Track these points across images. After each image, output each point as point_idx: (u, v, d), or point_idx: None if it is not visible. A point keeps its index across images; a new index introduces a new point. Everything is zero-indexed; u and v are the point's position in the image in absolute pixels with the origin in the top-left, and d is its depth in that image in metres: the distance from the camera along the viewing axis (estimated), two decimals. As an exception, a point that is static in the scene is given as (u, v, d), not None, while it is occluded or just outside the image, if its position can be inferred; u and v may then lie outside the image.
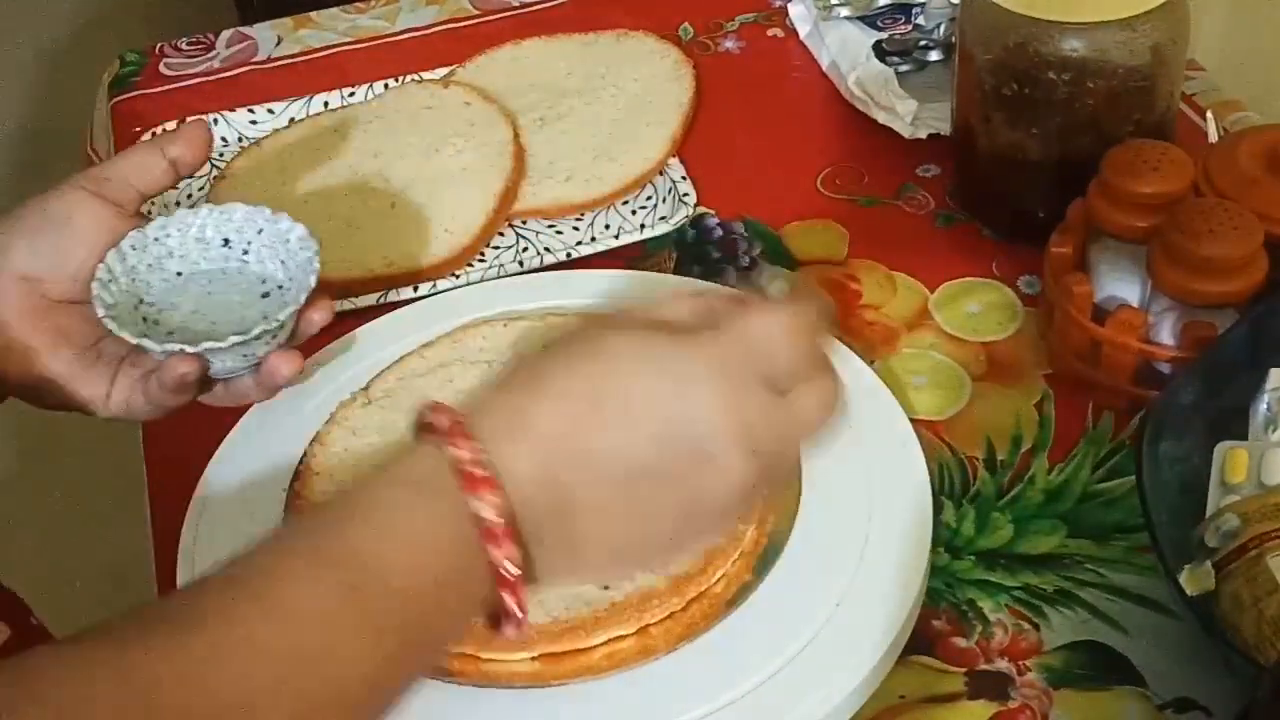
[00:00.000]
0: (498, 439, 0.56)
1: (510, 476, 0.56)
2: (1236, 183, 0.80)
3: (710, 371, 0.58)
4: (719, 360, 0.58)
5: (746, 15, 1.14)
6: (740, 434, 0.58)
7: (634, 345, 0.59)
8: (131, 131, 1.05)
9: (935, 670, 0.70)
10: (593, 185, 0.97)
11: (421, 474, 0.56)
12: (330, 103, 1.05)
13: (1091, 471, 0.79)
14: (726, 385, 0.58)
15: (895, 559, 0.70)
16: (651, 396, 0.58)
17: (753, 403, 0.58)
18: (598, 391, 0.58)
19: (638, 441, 0.57)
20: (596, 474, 0.57)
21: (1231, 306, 0.77)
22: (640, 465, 0.57)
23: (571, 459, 0.57)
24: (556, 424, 0.57)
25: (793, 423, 0.60)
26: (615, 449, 0.57)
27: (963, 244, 0.93)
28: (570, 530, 0.57)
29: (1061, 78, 0.85)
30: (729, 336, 0.59)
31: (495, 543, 0.55)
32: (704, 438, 0.58)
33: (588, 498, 0.57)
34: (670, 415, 0.58)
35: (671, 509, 0.58)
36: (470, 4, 1.18)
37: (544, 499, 0.56)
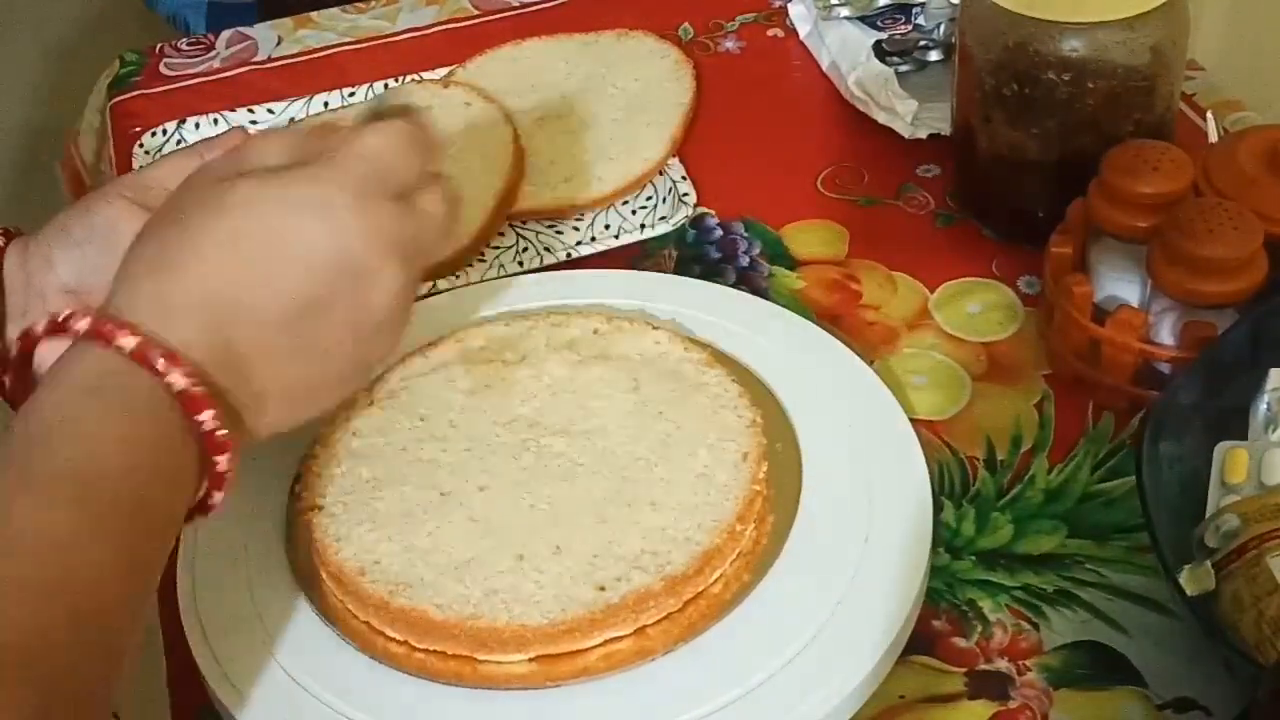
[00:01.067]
0: (155, 318, 0.57)
1: (180, 349, 0.57)
2: (1236, 183, 0.80)
3: (342, 193, 0.61)
4: (346, 182, 0.61)
5: (746, 15, 1.14)
6: (385, 245, 0.61)
7: (258, 187, 0.61)
8: (131, 131, 1.05)
9: (935, 670, 0.70)
10: (593, 185, 0.97)
11: (93, 373, 0.57)
12: (330, 103, 1.05)
13: (1091, 471, 0.79)
14: (360, 203, 0.61)
15: (895, 559, 0.70)
16: (291, 231, 0.60)
17: (388, 215, 0.62)
18: (238, 242, 0.59)
19: (292, 279, 0.60)
20: (257, 322, 0.59)
21: (1231, 306, 0.77)
22: (301, 301, 0.60)
23: (229, 315, 0.59)
24: (206, 286, 0.59)
25: (422, 224, 0.64)
26: (269, 293, 0.60)
27: (963, 244, 0.93)
28: (249, 384, 0.59)
29: (1061, 78, 0.85)
30: (347, 158, 0.62)
31: (198, 408, 0.57)
32: (353, 257, 0.60)
33: (256, 348, 0.59)
34: (314, 244, 0.60)
35: (338, 335, 0.61)
36: (470, 4, 1.18)
37: (215, 361, 0.58)
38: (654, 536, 0.68)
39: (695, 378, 0.76)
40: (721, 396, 0.75)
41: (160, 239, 0.61)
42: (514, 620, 0.65)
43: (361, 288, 0.61)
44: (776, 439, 0.75)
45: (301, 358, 0.61)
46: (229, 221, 0.60)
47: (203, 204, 0.61)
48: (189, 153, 0.76)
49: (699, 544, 0.68)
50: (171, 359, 0.57)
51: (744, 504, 0.70)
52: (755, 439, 0.72)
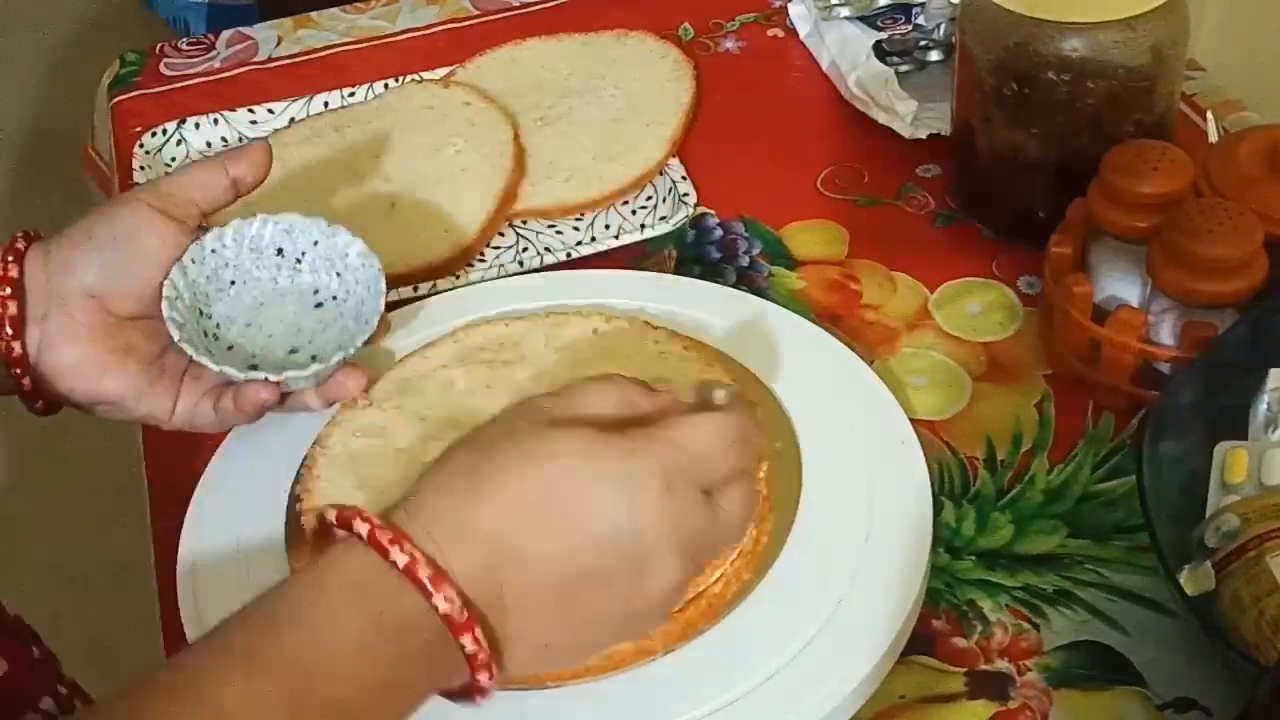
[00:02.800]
0: (437, 541, 0.57)
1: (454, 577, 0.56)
2: (1236, 183, 0.80)
3: (653, 479, 0.59)
4: (660, 469, 0.60)
5: (746, 15, 1.14)
6: (679, 540, 0.60)
7: (574, 446, 0.60)
8: (131, 131, 1.05)
9: (935, 670, 0.70)
10: (593, 185, 0.97)
11: (355, 576, 0.56)
12: (330, 103, 1.05)
13: (1091, 471, 0.79)
14: (666, 491, 0.60)
15: (895, 559, 0.70)
16: (595, 503, 0.59)
17: (690, 510, 0.61)
18: (540, 495, 0.59)
19: (579, 547, 0.59)
20: (533, 577, 0.58)
21: (1231, 306, 0.77)
22: (579, 570, 0.59)
23: (511, 562, 0.58)
24: (498, 526, 0.58)
25: (720, 525, 0.62)
26: (554, 552, 0.58)
27: (963, 244, 0.93)
28: (504, 628, 0.58)
29: (1061, 78, 0.85)
30: (668, 443, 0.61)
31: (460, 632, 0.56)
32: (643, 542, 0.59)
33: (524, 600, 0.58)
34: (609, 518, 0.59)
35: (606, 611, 0.60)
36: (470, 4, 1.18)
37: (479, 597, 0.57)
38: (654, 536, 0.68)
39: (695, 378, 0.76)
40: (722, 396, 0.75)
41: (472, 464, 0.60)
42: (514, 620, 0.65)
43: (641, 573, 0.60)
44: (776, 439, 0.75)
45: (562, 620, 0.60)
46: (538, 471, 0.59)
47: (521, 444, 0.60)
48: (212, 162, 0.76)
49: (699, 544, 0.68)
50: (439, 579, 0.56)
51: (744, 504, 0.69)
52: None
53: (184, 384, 0.75)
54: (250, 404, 0.73)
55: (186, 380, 0.75)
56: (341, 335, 0.76)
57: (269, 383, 0.73)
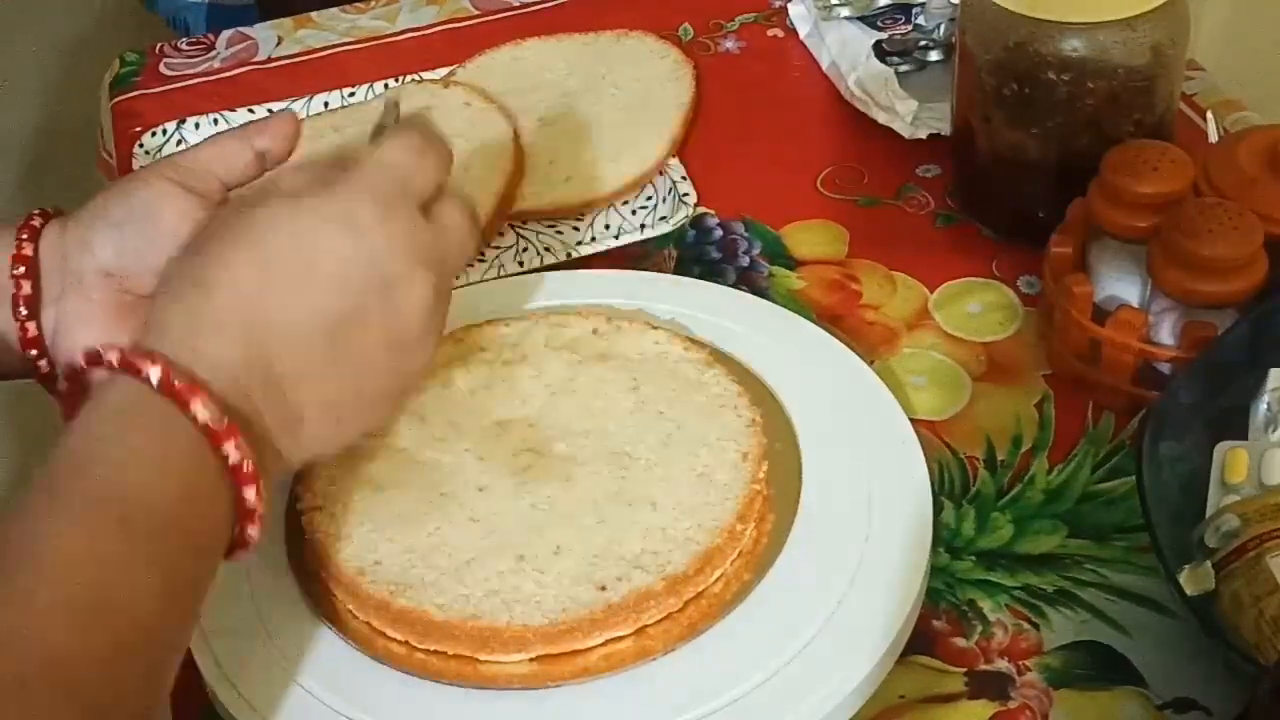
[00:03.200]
0: (186, 347, 0.57)
1: (211, 374, 0.57)
2: (1236, 183, 0.80)
3: (367, 204, 0.61)
4: (368, 194, 0.61)
5: (746, 15, 1.14)
6: (412, 253, 0.61)
7: (279, 209, 0.61)
8: (131, 131, 1.05)
9: (935, 670, 0.70)
10: (593, 185, 0.97)
11: (125, 403, 0.56)
12: (330, 103, 1.05)
13: (1091, 471, 0.79)
14: (387, 212, 0.61)
15: (895, 559, 0.70)
16: (322, 246, 0.60)
17: (413, 224, 0.62)
18: (266, 262, 0.59)
19: (323, 294, 0.60)
20: (291, 338, 0.59)
21: (1231, 306, 0.77)
22: (334, 316, 0.60)
23: (262, 333, 0.58)
24: (237, 307, 0.58)
25: (447, 238, 0.64)
26: (301, 308, 0.59)
27: (963, 244, 0.93)
28: (287, 404, 0.59)
29: (1061, 78, 0.85)
30: (366, 171, 0.62)
31: (221, 441, 0.56)
32: (382, 267, 0.60)
33: (291, 365, 0.59)
34: (346, 257, 0.60)
35: (376, 348, 0.61)
36: (470, 4, 1.18)
37: (253, 383, 0.58)
38: (654, 536, 0.68)
39: (695, 377, 0.76)
40: (721, 396, 0.75)
41: (191, 263, 0.60)
42: (515, 620, 0.65)
43: (392, 297, 0.61)
44: (776, 439, 0.75)
45: (338, 372, 0.60)
46: (257, 242, 0.60)
47: (231, 227, 0.61)
48: (234, 135, 0.75)
49: (699, 544, 0.68)
50: (193, 389, 0.56)
51: (744, 504, 0.70)
52: (755, 438, 0.72)
53: None
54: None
55: None
56: None
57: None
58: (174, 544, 0.56)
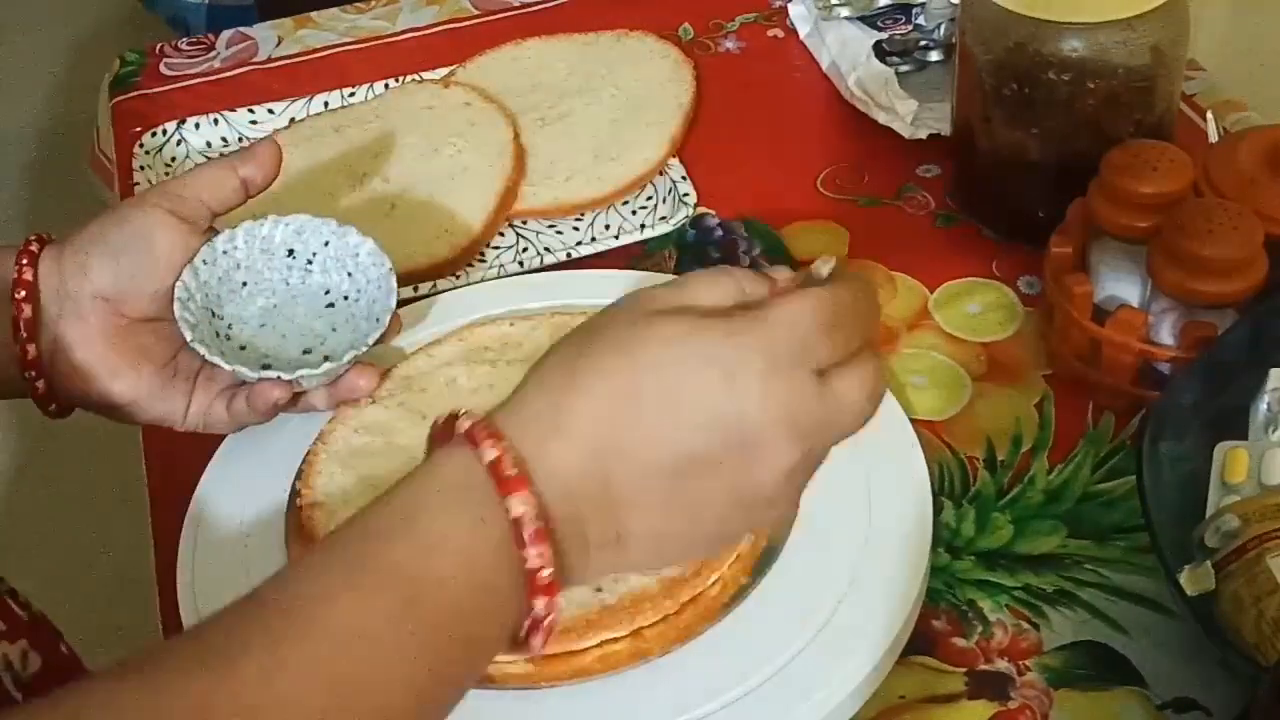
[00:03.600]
0: (533, 437, 0.56)
1: (547, 474, 0.55)
2: (1236, 183, 0.80)
3: (755, 359, 0.57)
4: (763, 347, 0.57)
5: (746, 15, 1.14)
6: (788, 423, 0.57)
7: (673, 332, 0.58)
8: (131, 131, 1.05)
9: (935, 670, 0.70)
10: (593, 185, 0.97)
11: (454, 478, 0.56)
12: (330, 103, 1.05)
13: (1091, 471, 0.79)
14: (772, 373, 0.57)
15: (895, 559, 0.70)
16: (696, 387, 0.57)
17: (798, 390, 0.58)
18: (639, 383, 0.57)
19: (683, 432, 0.57)
20: (641, 467, 0.57)
21: (1231, 306, 0.77)
22: (685, 456, 0.57)
23: (614, 452, 0.56)
24: (597, 418, 0.56)
25: (837, 408, 0.59)
26: (659, 441, 0.57)
27: (963, 244, 0.93)
28: (615, 524, 0.57)
29: (1061, 78, 0.85)
30: (771, 321, 0.58)
31: (524, 544, 0.55)
32: (752, 428, 0.57)
33: (632, 491, 0.57)
34: (716, 405, 0.57)
35: (718, 499, 0.58)
36: (470, 4, 1.18)
37: (587, 495, 0.56)
38: (653, 537, 0.68)
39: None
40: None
41: (571, 358, 0.58)
42: (512, 620, 0.65)
43: (750, 458, 0.57)
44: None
45: (674, 512, 0.58)
46: (636, 358, 0.57)
47: (621, 333, 0.58)
48: (220, 163, 0.76)
49: (698, 545, 0.68)
50: (520, 481, 0.55)
51: (744, 505, 0.69)
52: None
53: (197, 385, 0.75)
54: (264, 403, 0.73)
55: (200, 382, 0.75)
56: (353, 335, 0.76)
57: (282, 382, 0.73)
58: (451, 637, 0.55)
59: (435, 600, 0.54)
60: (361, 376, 0.75)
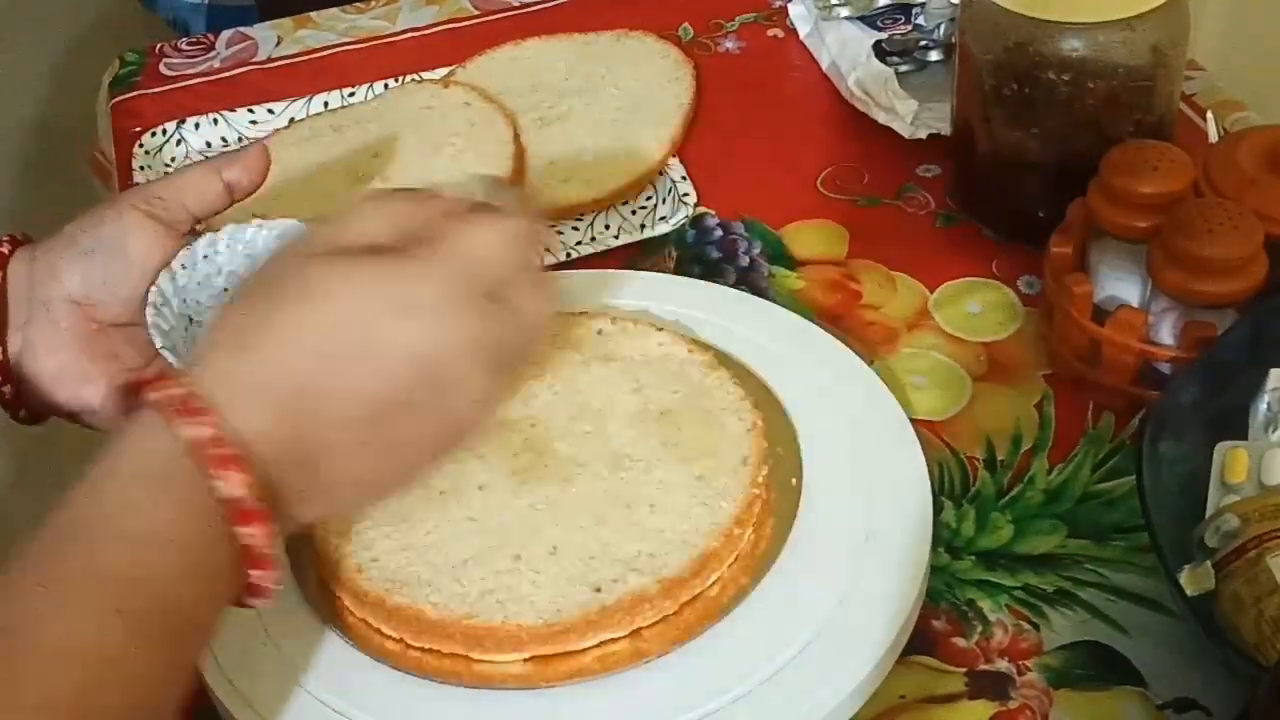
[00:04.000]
0: (225, 399, 0.55)
1: (251, 442, 0.55)
2: (1236, 183, 0.80)
3: (436, 294, 0.58)
4: (442, 281, 0.58)
5: (746, 15, 1.14)
6: (473, 351, 0.58)
7: (349, 276, 0.58)
8: (131, 131, 1.05)
9: (935, 670, 0.70)
10: (593, 185, 0.97)
11: (158, 463, 0.54)
12: (330, 103, 1.05)
13: (1091, 471, 0.79)
14: (454, 306, 0.58)
15: (895, 559, 0.70)
16: (375, 328, 0.57)
17: (481, 320, 0.59)
18: (319, 332, 0.57)
19: (368, 378, 0.57)
20: (331, 417, 0.57)
21: (1231, 306, 0.77)
22: (376, 401, 0.57)
23: (301, 406, 0.56)
24: (281, 374, 0.56)
25: (516, 327, 0.61)
26: (346, 389, 0.57)
27: (963, 244, 0.93)
28: (315, 476, 0.57)
29: (1061, 78, 0.85)
30: (446, 254, 0.59)
31: (248, 522, 0.54)
32: (438, 364, 0.57)
33: (331, 443, 0.57)
34: (398, 345, 0.57)
35: (422, 435, 0.59)
36: (470, 4, 1.18)
37: (286, 455, 0.56)
38: (651, 539, 0.68)
39: (698, 380, 0.76)
40: (724, 399, 0.75)
41: (244, 314, 0.58)
42: (509, 620, 0.65)
43: (444, 394, 0.58)
44: (777, 441, 0.74)
45: (373, 454, 0.58)
46: (312, 308, 0.57)
47: (289, 283, 0.58)
48: (204, 166, 0.75)
49: (696, 547, 0.68)
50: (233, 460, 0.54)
51: (742, 508, 0.69)
52: (756, 443, 0.72)
53: None
54: None
55: None
56: None
57: None
58: (175, 624, 0.54)
59: (149, 599, 0.53)
60: None
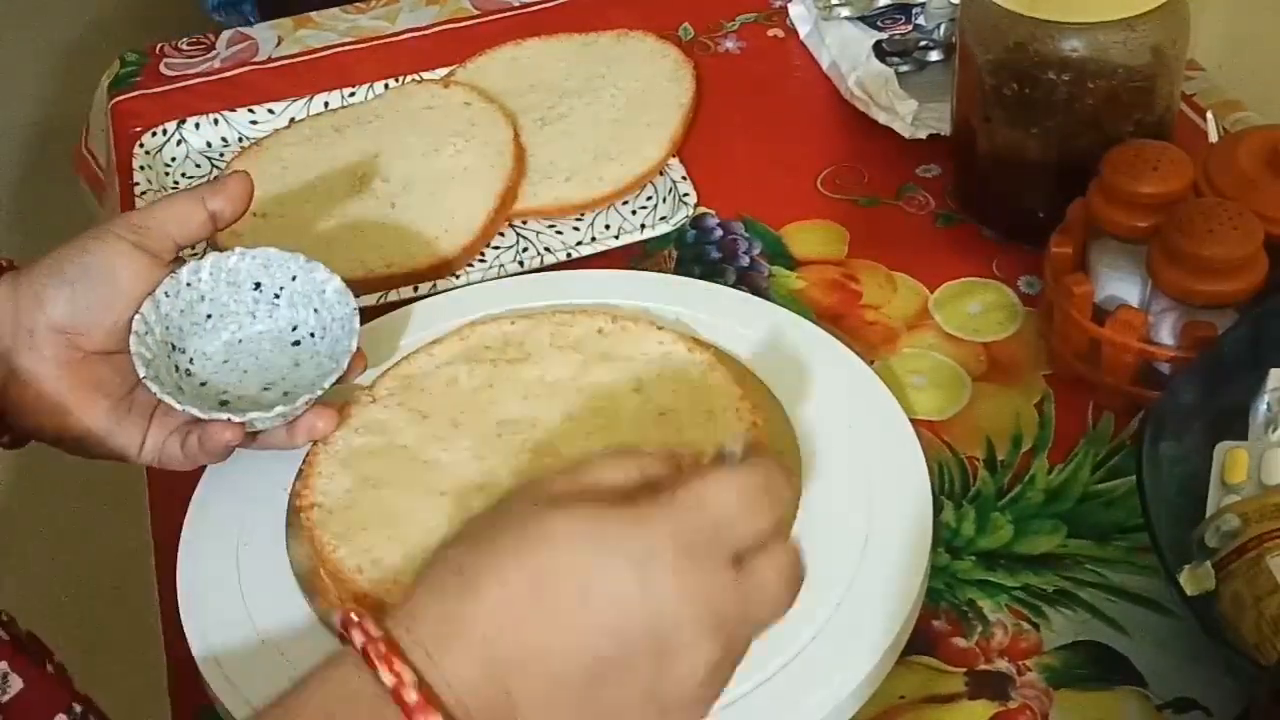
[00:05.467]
0: (432, 650, 0.52)
1: (449, 688, 0.51)
2: (1236, 183, 0.80)
3: (665, 548, 0.52)
4: (675, 537, 0.53)
5: (746, 15, 1.14)
6: (705, 617, 0.53)
7: (576, 524, 0.53)
8: (131, 131, 1.05)
9: (935, 670, 0.70)
10: (593, 185, 0.97)
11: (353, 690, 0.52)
12: (330, 103, 1.05)
13: (1091, 471, 0.79)
14: (685, 563, 0.52)
15: (895, 559, 0.70)
16: (601, 584, 0.52)
17: (714, 581, 0.53)
18: (540, 581, 0.52)
19: (590, 635, 0.52)
20: (546, 678, 0.52)
21: (1231, 306, 0.77)
22: (595, 663, 0.52)
23: (513, 660, 0.52)
24: (496, 623, 0.52)
25: (756, 599, 0.55)
26: (562, 647, 0.52)
27: (963, 244, 0.93)
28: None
29: (1061, 78, 0.85)
30: (681, 507, 0.53)
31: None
32: (666, 626, 0.52)
33: (534, 697, 0.52)
34: (625, 603, 0.52)
35: (635, 705, 0.53)
36: (470, 4, 1.18)
37: (486, 708, 0.52)
38: (653, 537, 0.68)
39: (698, 379, 0.76)
40: (723, 399, 0.75)
41: (466, 558, 0.54)
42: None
43: (666, 659, 0.53)
44: (777, 441, 0.74)
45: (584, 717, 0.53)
46: (537, 556, 0.52)
47: (519, 528, 0.53)
48: (188, 195, 0.74)
49: (698, 544, 0.68)
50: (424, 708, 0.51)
51: (743, 505, 0.69)
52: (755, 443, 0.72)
53: (153, 421, 0.73)
54: (215, 444, 0.71)
55: (156, 417, 0.73)
56: (316, 372, 0.74)
57: (233, 424, 0.70)
58: None
59: None
60: (320, 418, 0.73)
